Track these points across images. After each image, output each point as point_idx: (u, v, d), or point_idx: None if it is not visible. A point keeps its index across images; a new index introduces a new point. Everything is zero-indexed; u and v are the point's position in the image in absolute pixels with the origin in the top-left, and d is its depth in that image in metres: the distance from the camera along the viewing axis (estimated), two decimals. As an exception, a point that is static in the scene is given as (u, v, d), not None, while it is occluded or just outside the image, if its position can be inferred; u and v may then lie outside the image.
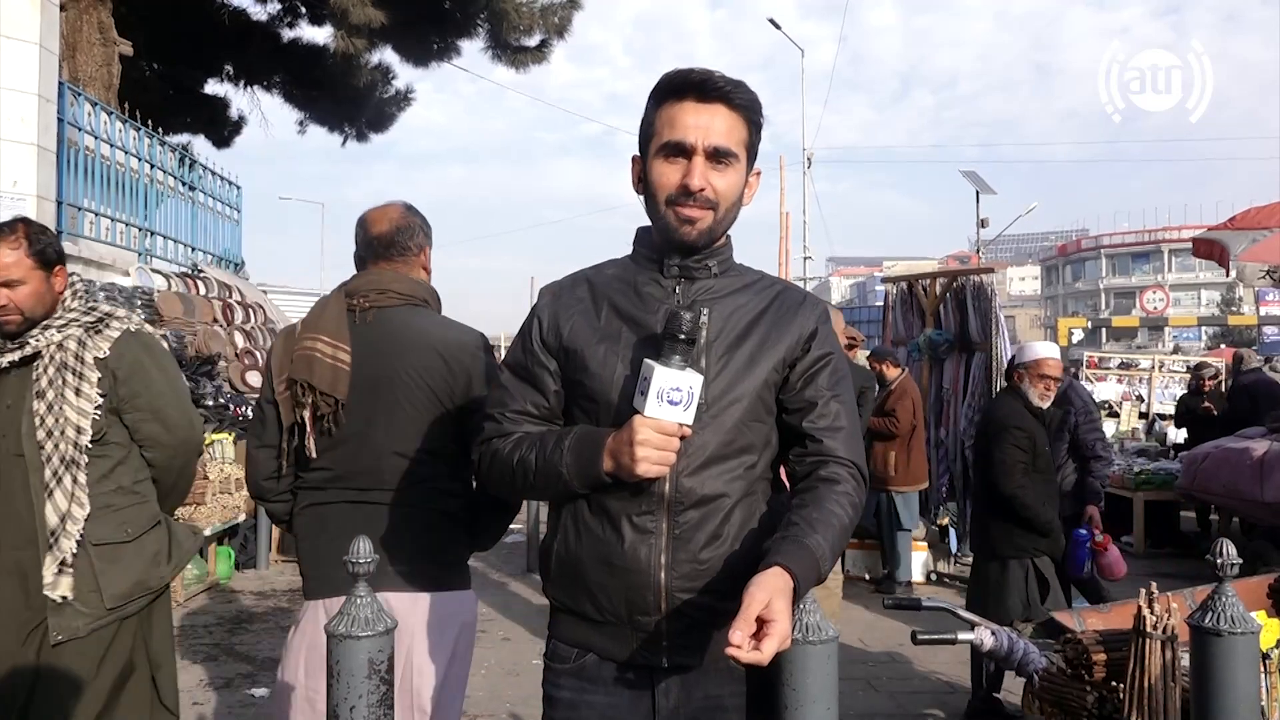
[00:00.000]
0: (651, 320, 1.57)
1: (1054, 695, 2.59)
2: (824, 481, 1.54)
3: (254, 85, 13.72)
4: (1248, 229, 7.36)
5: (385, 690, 1.52)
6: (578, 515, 1.59)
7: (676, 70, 1.58)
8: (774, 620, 1.29)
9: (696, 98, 1.54)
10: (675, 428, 1.46)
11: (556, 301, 1.66)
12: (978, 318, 7.76)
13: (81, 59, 9.54)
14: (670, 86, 1.56)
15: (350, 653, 1.48)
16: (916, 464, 6.95)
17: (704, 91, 1.54)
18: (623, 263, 1.69)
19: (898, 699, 4.73)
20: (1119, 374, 12.36)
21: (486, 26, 12.51)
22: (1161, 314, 36.35)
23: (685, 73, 1.56)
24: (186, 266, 10.40)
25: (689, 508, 1.53)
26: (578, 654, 1.62)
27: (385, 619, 1.51)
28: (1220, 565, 1.53)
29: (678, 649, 1.55)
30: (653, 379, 1.44)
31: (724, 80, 1.55)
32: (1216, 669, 1.50)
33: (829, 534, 1.46)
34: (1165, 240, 61.60)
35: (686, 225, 1.56)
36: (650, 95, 1.59)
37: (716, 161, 1.55)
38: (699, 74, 1.55)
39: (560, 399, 1.64)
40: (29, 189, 6.98)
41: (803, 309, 1.64)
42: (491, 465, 1.64)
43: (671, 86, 1.56)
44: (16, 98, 6.93)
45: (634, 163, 1.65)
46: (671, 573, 1.53)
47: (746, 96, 1.56)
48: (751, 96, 1.58)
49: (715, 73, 1.55)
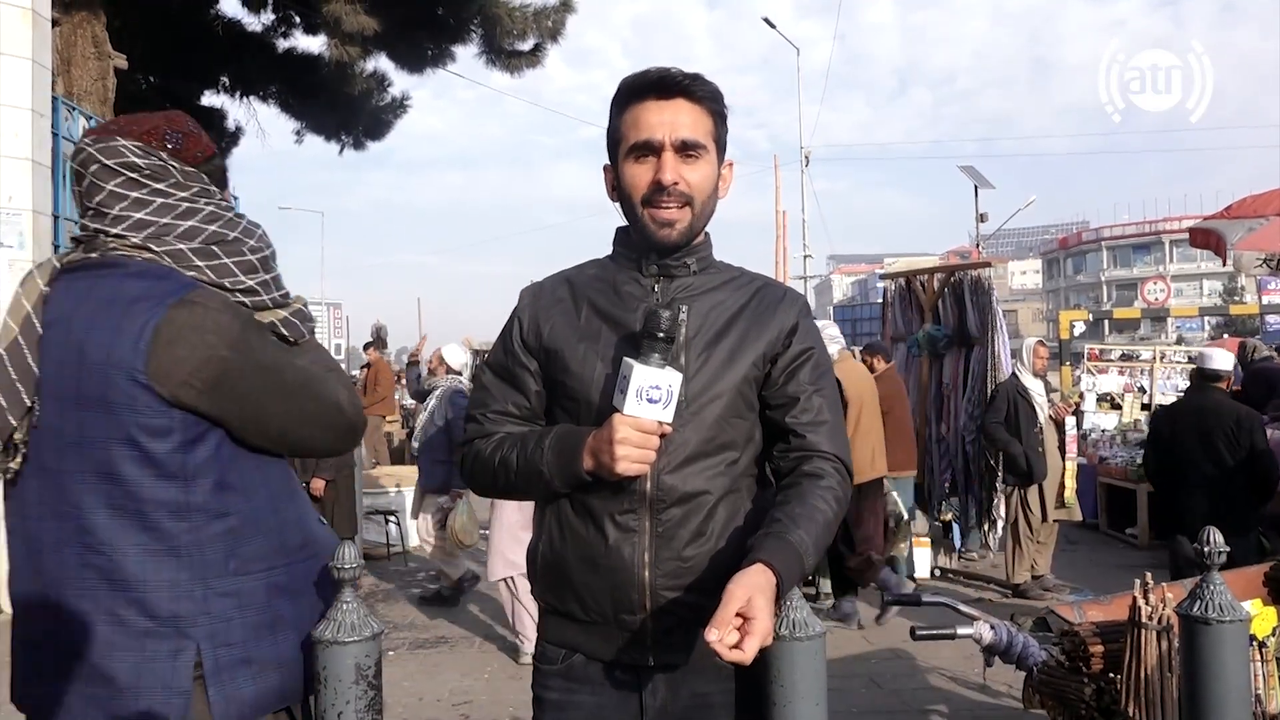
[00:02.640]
0: (631, 319, 1.57)
1: (1053, 688, 2.59)
2: (807, 477, 1.53)
3: (250, 96, 13.74)
4: (1244, 217, 7.35)
5: (374, 695, 1.51)
6: (561, 515, 1.59)
7: (633, 74, 1.59)
8: (754, 618, 1.29)
9: (657, 96, 1.55)
10: (655, 425, 1.46)
11: (536, 302, 1.66)
12: (976, 312, 7.76)
13: (76, 73, 9.56)
14: (630, 89, 1.57)
15: (337, 658, 1.48)
16: (902, 450, 6.96)
17: (663, 88, 1.55)
18: (603, 262, 1.69)
19: (901, 695, 4.73)
20: (1120, 366, 12.32)
21: (480, 31, 12.51)
22: (1163, 305, 36.24)
23: (642, 74, 1.58)
24: (185, 278, 10.41)
25: (671, 505, 1.53)
26: (565, 655, 1.62)
27: (371, 624, 1.51)
28: (1207, 554, 1.52)
29: (664, 647, 1.55)
30: (631, 377, 1.44)
31: (682, 75, 1.56)
32: (1205, 657, 1.49)
33: (812, 529, 1.45)
34: (1165, 231, 61.56)
35: (665, 229, 1.56)
36: (612, 103, 1.61)
37: (686, 155, 1.55)
38: (656, 72, 1.56)
39: (541, 399, 1.65)
40: (24, 204, 6.99)
41: (783, 304, 1.63)
42: (474, 465, 1.65)
43: (631, 89, 1.57)
44: (10, 113, 6.94)
45: (605, 172, 1.66)
46: (655, 571, 1.52)
47: (706, 88, 1.57)
48: (711, 88, 1.58)
49: (672, 69, 1.56)
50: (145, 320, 1.44)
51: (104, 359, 1.43)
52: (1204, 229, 7.90)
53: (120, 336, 1.43)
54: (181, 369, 1.44)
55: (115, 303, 1.46)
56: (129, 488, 1.44)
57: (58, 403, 1.47)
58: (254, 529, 1.54)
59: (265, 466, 1.58)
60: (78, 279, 1.52)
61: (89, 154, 1.55)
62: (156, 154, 1.56)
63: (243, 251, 1.57)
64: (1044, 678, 2.61)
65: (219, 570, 1.49)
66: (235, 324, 1.50)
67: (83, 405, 1.45)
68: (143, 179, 1.54)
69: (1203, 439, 5.03)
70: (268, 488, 1.58)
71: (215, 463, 1.49)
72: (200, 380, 1.45)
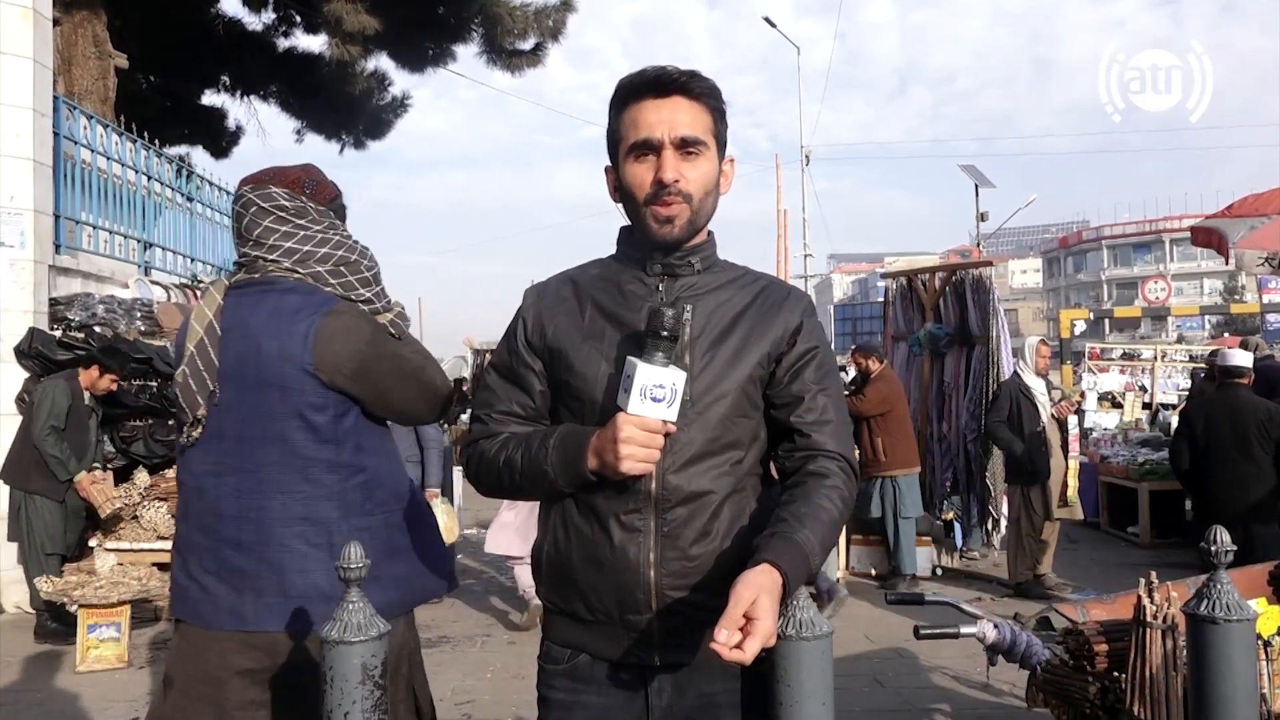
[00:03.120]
0: (635, 318, 1.56)
1: (1057, 687, 2.58)
2: (813, 476, 1.53)
3: (250, 95, 13.74)
4: (1246, 216, 7.34)
5: (380, 695, 1.51)
6: (566, 515, 1.59)
7: (631, 74, 1.59)
8: (758, 619, 1.28)
9: (654, 94, 1.55)
10: (659, 425, 1.45)
11: (540, 302, 1.66)
12: (977, 311, 7.76)
13: (77, 72, 9.56)
14: (628, 89, 1.57)
15: (343, 658, 1.48)
16: (906, 447, 7.00)
17: (660, 86, 1.55)
18: (606, 262, 1.69)
19: (904, 695, 4.72)
20: (1121, 365, 12.33)
21: (480, 31, 12.52)
22: (1164, 304, 36.27)
23: (639, 73, 1.57)
24: (186, 278, 10.41)
25: (676, 505, 1.52)
26: (570, 655, 1.62)
27: (378, 624, 1.51)
28: (1214, 553, 1.52)
29: (670, 647, 1.54)
30: (635, 376, 1.44)
31: (678, 72, 1.55)
32: (1212, 656, 1.49)
33: (818, 529, 1.45)
34: (1166, 230, 61.49)
35: (665, 225, 1.56)
36: (610, 104, 1.60)
37: (685, 152, 1.55)
38: (652, 71, 1.56)
39: (546, 399, 1.64)
40: (26, 204, 6.99)
41: (787, 303, 1.63)
42: (479, 466, 1.65)
43: (629, 89, 1.57)
44: (11, 112, 6.93)
45: (607, 173, 1.66)
46: (661, 570, 1.52)
47: (704, 84, 1.57)
48: (709, 84, 1.58)
49: (669, 67, 1.56)
50: (308, 325, 1.89)
51: (279, 353, 1.88)
52: (1206, 228, 7.89)
53: (291, 338, 1.88)
54: (336, 360, 1.89)
55: (281, 312, 1.92)
56: (297, 449, 1.89)
57: (238, 386, 1.91)
58: (378, 480, 1.98)
59: (384, 434, 2.05)
60: (246, 294, 1.97)
61: (249, 199, 2.00)
62: (298, 198, 2.01)
63: (361, 270, 2.03)
64: (1048, 676, 2.60)
65: (358, 511, 1.93)
66: (368, 327, 1.97)
67: (261, 388, 1.89)
68: (289, 216, 1.99)
69: (1235, 433, 5.26)
70: (385, 449, 2.04)
71: (355, 431, 1.95)
72: (349, 369, 1.91)
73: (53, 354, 6.80)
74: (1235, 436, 5.26)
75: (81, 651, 5.23)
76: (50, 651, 5.58)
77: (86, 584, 5.43)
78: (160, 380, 7.48)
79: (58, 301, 7.37)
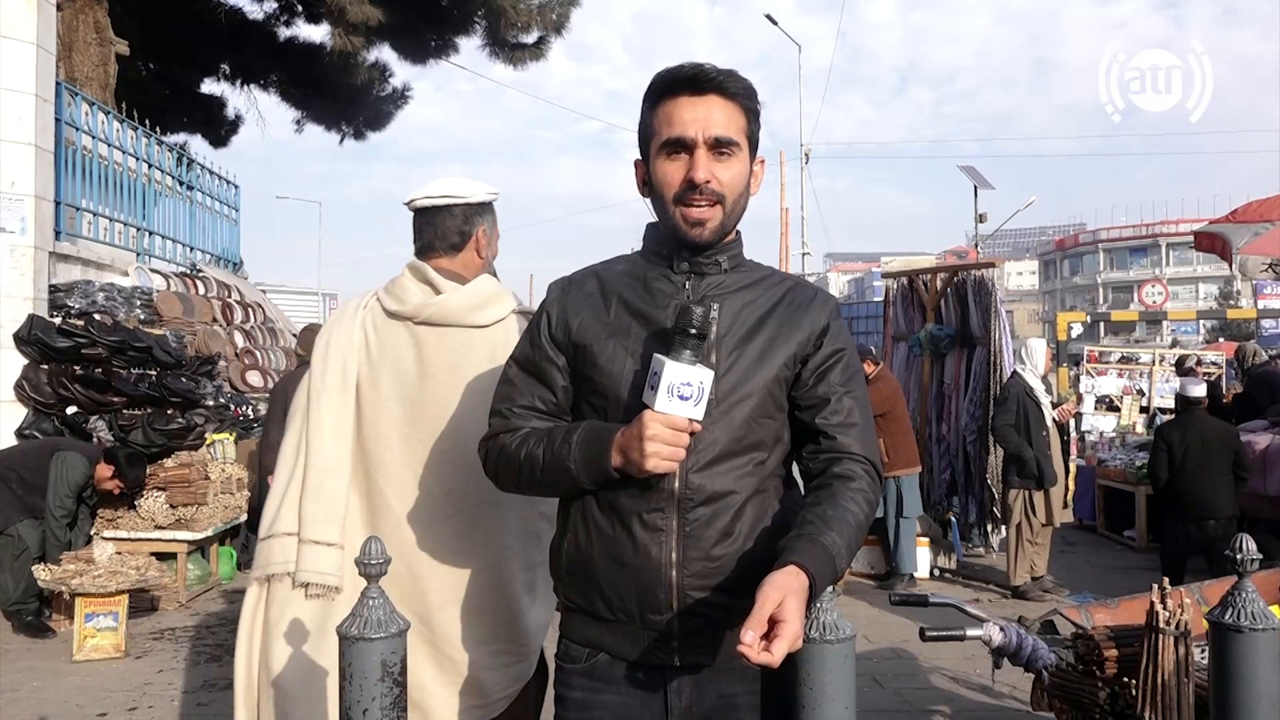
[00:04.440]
0: (661, 316, 1.55)
1: (1065, 691, 2.58)
2: (838, 478, 1.52)
3: (251, 84, 13.68)
4: (1249, 222, 7.35)
5: (399, 693, 1.50)
6: (587, 513, 1.57)
7: (667, 68, 1.57)
8: (785, 620, 1.27)
9: (691, 92, 1.53)
10: (685, 423, 1.44)
11: (565, 296, 1.64)
12: (979, 313, 7.76)
13: (78, 59, 9.51)
14: (664, 84, 1.55)
15: (363, 654, 1.46)
16: (906, 447, 7.00)
17: (697, 84, 1.53)
18: (632, 258, 1.68)
19: (903, 695, 4.73)
20: (1119, 368, 12.34)
21: (484, 24, 12.49)
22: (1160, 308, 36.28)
23: (676, 69, 1.55)
24: (185, 266, 10.37)
25: (699, 504, 1.51)
26: (589, 654, 1.60)
27: (397, 620, 1.49)
28: (1240, 561, 1.51)
29: (690, 648, 1.53)
30: (663, 374, 1.43)
31: (716, 71, 1.54)
32: (1237, 666, 1.48)
33: (845, 531, 1.44)
34: (1163, 234, 61.59)
35: (697, 228, 1.55)
36: (645, 97, 1.59)
37: (718, 152, 1.54)
38: (690, 68, 1.54)
39: (568, 394, 1.63)
40: (27, 189, 6.95)
41: (814, 305, 1.62)
42: (499, 460, 1.63)
43: (665, 84, 1.55)
44: (14, 98, 6.90)
45: (636, 167, 1.64)
46: (683, 570, 1.51)
47: (740, 84, 1.55)
48: (745, 84, 1.56)
49: (706, 65, 1.54)
50: None
51: None
52: (1209, 233, 7.91)
53: None
54: None
55: None
56: None
57: None
58: None
59: None
60: None
61: None
62: None
63: None
64: (1056, 680, 2.60)
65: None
66: None
67: None
68: None
69: (1203, 448, 6.20)
70: None
71: None
72: None
73: (52, 341, 6.77)
74: (1203, 450, 6.15)
75: (78, 640, 5.21)
76: (47, 640, 5.56)
77: (84, 573, 5.40)
78: (159, 369, 7.46)
79: (58, 288, 7.34)
